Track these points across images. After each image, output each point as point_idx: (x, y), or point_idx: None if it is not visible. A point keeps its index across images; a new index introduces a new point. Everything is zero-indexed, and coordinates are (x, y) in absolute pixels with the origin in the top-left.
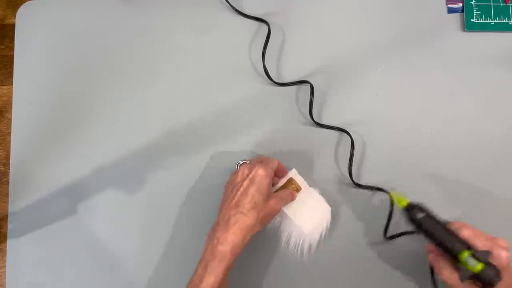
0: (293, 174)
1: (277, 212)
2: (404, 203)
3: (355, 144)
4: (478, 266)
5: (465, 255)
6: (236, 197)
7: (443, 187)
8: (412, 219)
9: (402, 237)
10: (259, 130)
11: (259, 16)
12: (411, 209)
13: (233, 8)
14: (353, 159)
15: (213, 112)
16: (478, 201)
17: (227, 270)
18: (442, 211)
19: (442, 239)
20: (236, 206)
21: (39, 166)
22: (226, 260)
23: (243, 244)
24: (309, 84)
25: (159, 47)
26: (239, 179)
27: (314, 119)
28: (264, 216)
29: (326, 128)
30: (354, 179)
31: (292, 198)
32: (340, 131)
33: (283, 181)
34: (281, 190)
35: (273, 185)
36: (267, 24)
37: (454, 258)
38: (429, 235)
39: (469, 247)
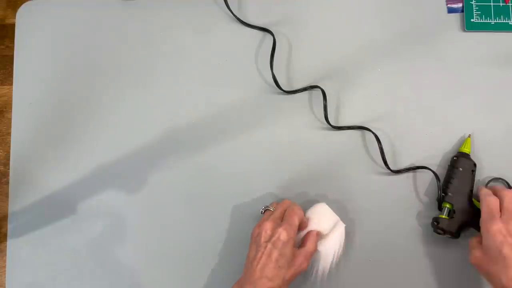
0: (321, 206)
1: (304, 269)
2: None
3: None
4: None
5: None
6: (261, 262)
7: None
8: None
9: (403, 237)
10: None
11: (261, 25)
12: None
13: (238, 19)
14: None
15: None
16: None
17: None
18: None
19: None
20: (261, 271)
21: (39, 166)
22: None
23: None
24: (319, 89)
25: (159, 47)
26: (262, 240)
27: (330, 122)
28: (291, 276)
29: (345, 129)
30: (391, 168)
31: (318, 238)
32: (361, 130)
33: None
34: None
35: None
36: (272, 34)
37: None
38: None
39: None
